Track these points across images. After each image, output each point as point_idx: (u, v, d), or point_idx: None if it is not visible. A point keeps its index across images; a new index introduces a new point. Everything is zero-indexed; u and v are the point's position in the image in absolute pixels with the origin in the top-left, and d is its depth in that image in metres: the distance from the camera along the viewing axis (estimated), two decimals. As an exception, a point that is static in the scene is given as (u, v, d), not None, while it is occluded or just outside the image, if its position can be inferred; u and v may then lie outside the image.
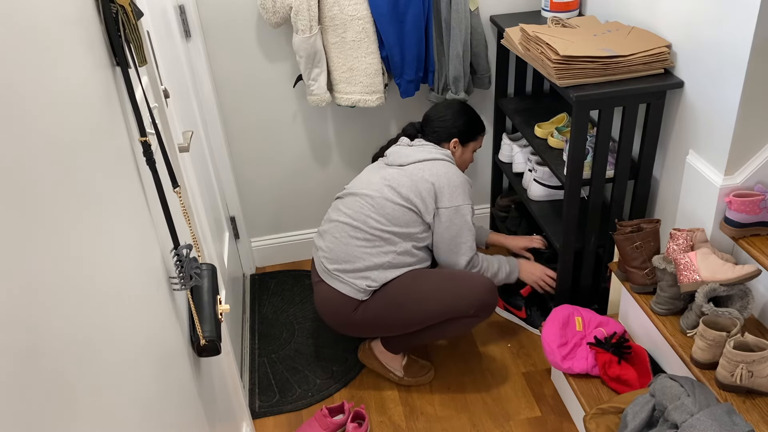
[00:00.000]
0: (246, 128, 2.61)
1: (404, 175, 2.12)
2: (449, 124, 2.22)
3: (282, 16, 2.28)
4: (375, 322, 2.09)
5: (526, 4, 2.54)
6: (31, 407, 0.66)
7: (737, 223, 1.77)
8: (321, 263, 2.15)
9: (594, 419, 1.78)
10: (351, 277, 2.07)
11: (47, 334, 0.72)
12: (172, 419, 1.17)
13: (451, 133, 2.23)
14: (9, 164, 0.68)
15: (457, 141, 2.23)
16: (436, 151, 2.17)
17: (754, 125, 1.73)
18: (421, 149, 2.18)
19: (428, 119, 2.27)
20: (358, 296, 2.07)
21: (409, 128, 2.29)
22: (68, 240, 0.82)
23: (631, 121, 2.00)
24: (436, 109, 2.29)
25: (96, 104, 1.02)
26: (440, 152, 2.18)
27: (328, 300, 2.12)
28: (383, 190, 2.11)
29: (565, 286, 2.30)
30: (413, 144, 2.21)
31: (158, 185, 1.19)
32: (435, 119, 2.25)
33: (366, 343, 2.36)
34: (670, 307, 1.88)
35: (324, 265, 2.13)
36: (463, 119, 2.24)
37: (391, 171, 2.15)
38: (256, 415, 2.22)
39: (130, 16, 1.11)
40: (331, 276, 2.10)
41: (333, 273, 2.10)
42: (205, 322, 1.35)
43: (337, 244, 2.11)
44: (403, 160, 2.16)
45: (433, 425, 2.16)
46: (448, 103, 2.31)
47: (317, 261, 2.19)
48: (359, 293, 2.07)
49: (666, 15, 1.97)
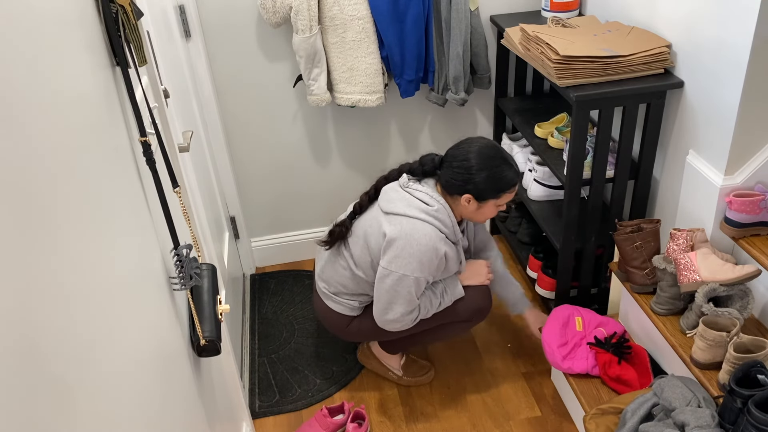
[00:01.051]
0: (246, 128, 2.61)
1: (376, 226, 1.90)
2: (465, 177, 1.83)
3: (282, 16, 2.28)
4: (371, 331, 2.09)
5: (526, 4, 2.54)
6: (29, 407, 0.66)
7: (737, 223, 1.77)
8: (325, 283, 2.11)
9: (594, 419, 1.78)
10: (345, 298, 2.07)
11: (46, 334, 0.72)
12: (171, 419, 1.17)
13: (466, 189, 1.84)
14: (9, 164, 0.68)
15: (469, 197, 1.85)
16: (421, 208, 1.85)
17: (754, 125, 1.73)
18: (407, 201, 1.87)
19: (447, 159, 1.89)
20: (351, 313, 2.09)
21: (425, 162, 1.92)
22: (68, 240, 0.81)
23: (631, 121, 2.00)
24: (460, 149, 1.87)
25: (96, 104, 1.01)
26: (423, 211, 1.85)
27: (324, 314, 2.15)
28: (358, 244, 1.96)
29: (565, 286, 2.30)
30: (408, 187, 1.90)
31: (158, 185, 1.19)
32: (454, 163, 1.85)
33: (365, 344, 2.36)
34: (670, 307, 1.88)
35: (319, 284, 2.13)
36: (485, 174, 1.82)
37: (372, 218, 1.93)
38: (256, 415, 2.22)
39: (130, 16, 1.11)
40: (326, 296, 2.11)
41: (327, 293, 2.10)
42: (205, 322, 1.35)
43: (330, 269, 2.07)
44: (386, 206, 1.90)
45: (433, 425, 2.16)
46: (477, 145, 1.85)
47: (319, 276, 2.14)
48: (353, 311, 2.09)
49: (666, 15, 1.97)
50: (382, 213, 1.91)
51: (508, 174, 1.85)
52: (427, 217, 1.84)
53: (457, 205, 1.91)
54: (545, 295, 2.50)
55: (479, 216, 1.93)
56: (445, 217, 1.88)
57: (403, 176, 1.94)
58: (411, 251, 1.82)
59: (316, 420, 2.12)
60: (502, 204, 1.91)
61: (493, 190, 1.85)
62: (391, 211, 1.88)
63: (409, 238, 1.82)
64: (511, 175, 1.85)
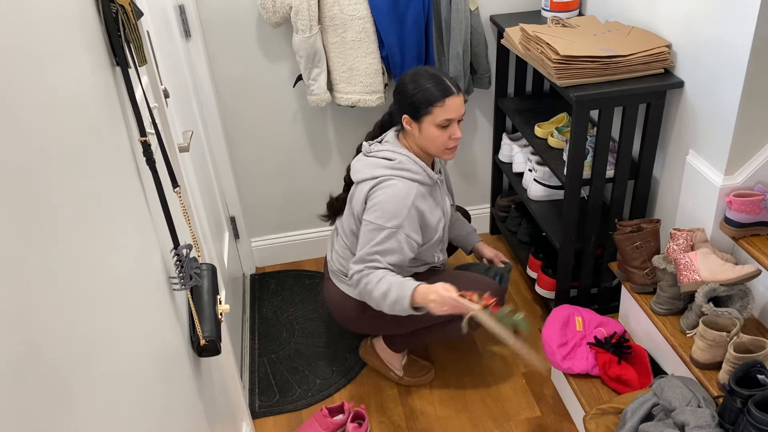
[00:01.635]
0: (246, 128, 2.61)
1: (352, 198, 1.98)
2: (398, 98, 1.91)
3: (282, 15, 2.28)
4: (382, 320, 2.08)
5: (526, 4, 2.54)
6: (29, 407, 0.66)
7: (737, 223, 1.77)
8: (333, 262, 2.13)
9: (594, 419, 1.78)
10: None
11: (46, 334, 0.71)
12: (171, 419, 1.17)
13: (402, 109, 1.90)
14: (8, 164, 0.68)
15: (408, 118, 1.89)
16: (385, 165, 1.90)
17: (754, 125, 1.73)
18: (372, 164, 1.92)
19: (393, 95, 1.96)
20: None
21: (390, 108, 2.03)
22: (68, 240, 0.81)
23: (631, 121, 2.00)
24: (398, 79, 1.95)
25: (96, 104, 1.01)
26: (387, 167, 1.89)
27: (336, 300, 2.12)
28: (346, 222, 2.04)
29: (565, 286, 2.30)
30: (370, 153, 1.96)
31: (158, 185, 1.19)
32: (394, 94, 1.94)
33: (368, 340, 2.36)
34: (670, 307, 1.88)
35: (334, 265, 2.12)
36: (411, 87, 1.86)
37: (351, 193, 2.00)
38: (256, 415, 2.22)
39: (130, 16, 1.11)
40: (340, 277, 2.10)
41: (341, 274, 2.09)
42: (205, 322, 1.35)
43: (343, 250, 2.08)
44: (356, 176, 1.96)
45: (433, 425, 2.16)
46: (411, 70, 1.94)
47: (329, 258, 2.17)
48: None
49: (666, 15, 1.97)
50: (355, 184, 1.97)
51: (437, 83, 1.84)
52: (392, 172, 1.88)
53: (410, 138, 1.94)
54: (545, 295, 2.50)
55: (430, 143, 1.90)
56: (410, 164, 1.90)
57: (363, 144, 2.02)
58: (382, 202, 1.86)
59: (316, 420, 2.12)
60: (442, 122, 1.85)
61: (422, 102, 1.84)
62: (361, 179, 1.93)
63: (380, 192, 1.87)
64: (440, 85, 1.84)
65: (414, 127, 1.89)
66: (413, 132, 1.91)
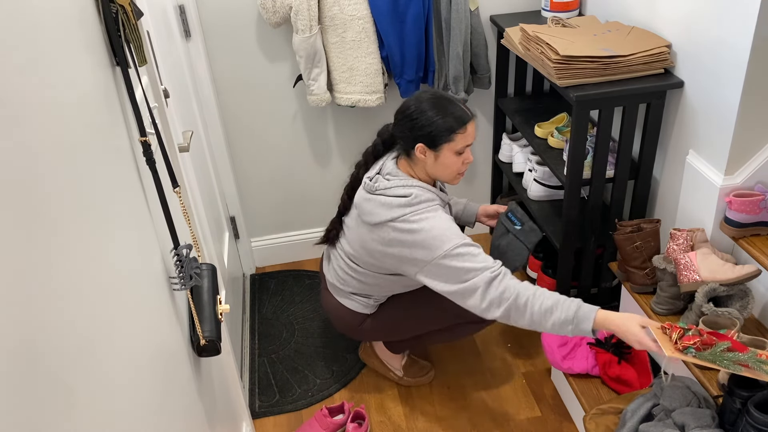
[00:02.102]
0: (246, 128, 2.61)
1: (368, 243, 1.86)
2: (410, 124, 1.77)
3: (282, 16, 2.28)
4: (383, 329, 2.08)
5: (526, 4, 2.54)
6: (29, 407, 0.66)
7: (737, 223, 1.77)
8: (330, 278, 2.09)
9: (594, 419, 1.78)
10: (359, 296, 2.04)
11: (46, 335, 0.72)
12: (171, 419, 1.17)
13: (416, 138, 1.76)
14: (8, 164, 0.68)
15: (423, 147, 1.77)
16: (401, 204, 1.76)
17: (754, 125, 1.73)
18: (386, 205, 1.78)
19: (395, 118, 1.83)
20: (365, 311, 2.06)
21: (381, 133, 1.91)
22: (67, 240, 0.81)
23: (631, 121, 2.00)
24: (402, 105, 1.82)
25: (96, 104, 1.01)
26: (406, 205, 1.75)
27: (336, 312, 2.10)
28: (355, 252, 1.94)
29: (565, 286, 2.30)
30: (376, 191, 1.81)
31: (158, 185, 1.19)
32: (399, 117, 1.81)
33: (367, 342, 2.36)
34: (670, 307, 1.88)
35: (333, 281, 2.08)
36: (429, 114, 1.74)
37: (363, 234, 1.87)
38: (256, 415, 2.22)
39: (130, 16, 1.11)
40: (339, 292, 2.08)
41: (341, 290, 2.06)
42: (205, 322, 1.35)
43: (345, 275, 2.03)
44: (370, 219, 1.82)
45: (433, 425, 2.16)
46: (416, 96, 1.81)
47: (326, 271, 2.13)
48: (366, 308, 2.06)
49: (666, 15, 1.97)
50: (370, 226, 1.82)
51: (455, 110, 1.74)
52: (412, 209, 1.76)
53: (419, 166, 1.82)
54: (545, 295, 2.50)
55: (444, 170, 1.80)
56: (425, 194, 1.78)
57: (364, 182, 1.86)
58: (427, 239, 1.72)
59: (316, 420, 2.12)
60: (461, 149, 1.77)
61: (443, 130, 1.73)
62: (378, 222, 1.79)
63: (415, 228, 1.74)
64: (459, 111, 1.75)
65: (429, 156, 1.77)
66: (426, 160, 1.79)
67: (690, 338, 1.48)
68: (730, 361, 1.44)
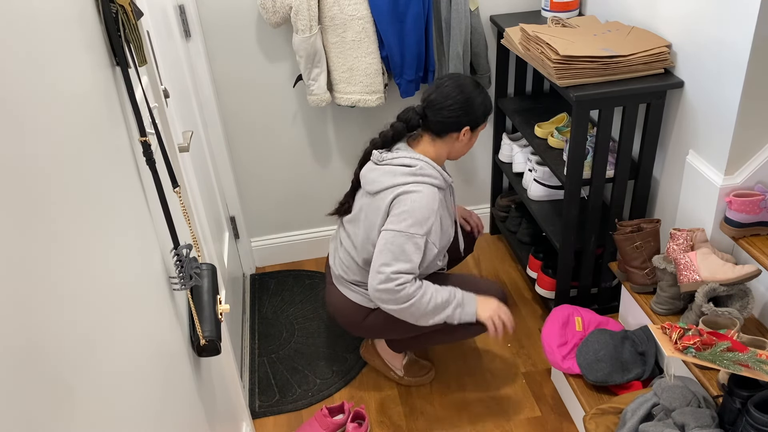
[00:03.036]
0: (246, 128, 2.61)
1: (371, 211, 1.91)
2: (460, 111, 1.86)
3: (282, 16, 2.28)
4: (386, 326, 2.07)
5: (526, 4, 2.54)
6: (29, 407, 0.66)
7: (737, 223, 1.77)
8: (336, 268, 2.10)
9: (594, 419, 1.78)
10: (364, 288, 2.03)
11: (46, 335, 0.72)
12: (171, 419, 1.17)
13: (462, 122, 1.87)
14: (8, 164, 0.68)
15: (468, 129, 1.89)
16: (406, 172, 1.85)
17: (754, 125, 1.73)
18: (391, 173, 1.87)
19: (432, 105, 1.88)
20: (370, 305, 2.05)
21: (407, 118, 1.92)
22: (67, 240, 0.81)
23: (631, 121, 2.00)
24: (441, 91, 1.88)
25: (96, 104, 1.02)
26: (410, 174, 1.85)
27: (340, 305, 2.10)
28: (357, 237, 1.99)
29: (565, 286, 2.30)
30: (384, 161, 1.90)
31: (158, 185, 1.19)
32: (442, 106, 1.86)
33: (369, 340, 2.35)
34: (670, 307, 1.88)
35: (338, 271, 2.09)
36: (479, 101, 1.88)
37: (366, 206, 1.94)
38: (256, 415, 2.22)
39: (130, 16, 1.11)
40: (344, 283, 2.08)
41: (346, 281, 2.07)
42: (205, 322, 1.35)
43: (348, 260, 2.05)
44: (372, 187, 1.90)
45: (433, 425, 2.16)
46: (454, 82, 1.88)
47: (332, 264, 2.13)
48: (371, 302, 2.04)
49: (666, 15, 1.97)
50: (370, 196, 1.91)
51: (487, 96, 1.93)
52: (414, 179, 1.85)
53: (449, 144, 1.92)
54: (545, 295, 2.50)
55: (466, 149, 1.97)
56: (430, 169, 1.87)
57: (373, 153, 1.95)
58: (411, 210, 1.81)
59: (316, 420, 2.12)
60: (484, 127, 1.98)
61: (483, 114, 1.91)
62: (379, 189, 1.88)
63: (407, 199, 1.82)
64: (487, 95, 1.93)
65: (466, 137, 1.91)
66: (462, 141, 1.92)
67: (690, 338, 1.49)
68: (730, 361, 1.44)
